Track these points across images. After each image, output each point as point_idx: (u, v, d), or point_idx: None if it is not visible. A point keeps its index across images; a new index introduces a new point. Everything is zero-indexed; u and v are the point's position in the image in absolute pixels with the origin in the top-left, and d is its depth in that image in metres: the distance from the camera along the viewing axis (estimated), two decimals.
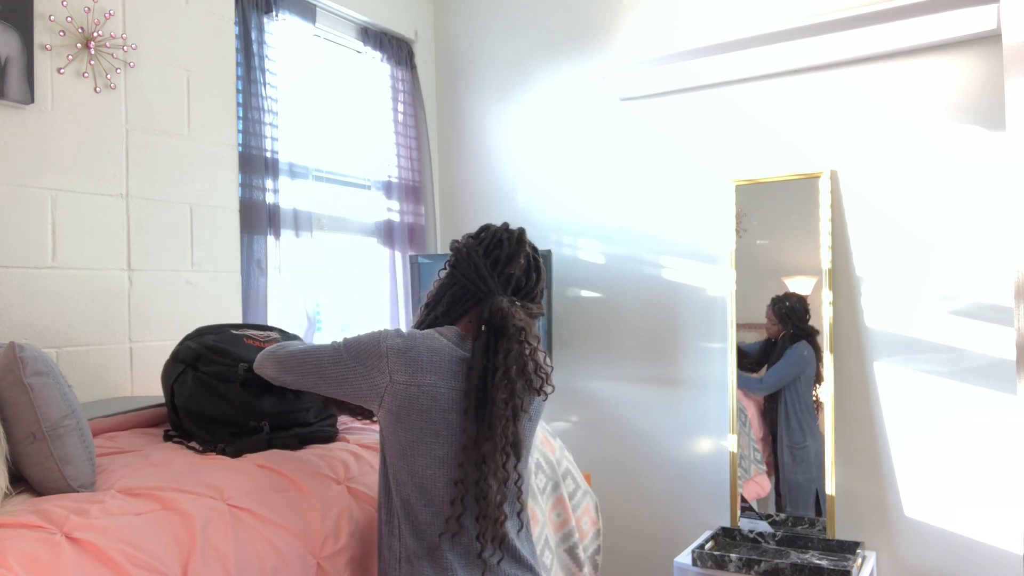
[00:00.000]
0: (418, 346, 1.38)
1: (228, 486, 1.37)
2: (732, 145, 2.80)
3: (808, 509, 2.60)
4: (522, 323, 1.40)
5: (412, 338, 1.40)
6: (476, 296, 1.44)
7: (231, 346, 1.67)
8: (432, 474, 1.36)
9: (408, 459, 1.37)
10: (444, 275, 1.50)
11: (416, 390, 1.36)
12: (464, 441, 1.36)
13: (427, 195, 3.33)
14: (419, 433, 1.36)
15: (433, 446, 1.36)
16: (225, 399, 1.59)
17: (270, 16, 2.68)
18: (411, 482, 1.36)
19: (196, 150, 2.38)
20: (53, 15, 2.01)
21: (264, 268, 2.59)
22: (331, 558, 1.40)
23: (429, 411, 1.36)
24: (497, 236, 1.48)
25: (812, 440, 2.59)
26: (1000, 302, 2.34)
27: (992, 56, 2.34)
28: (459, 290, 1.46)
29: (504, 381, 1.36)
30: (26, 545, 1.08)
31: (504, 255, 1.45)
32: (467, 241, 1.49)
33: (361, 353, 1.39)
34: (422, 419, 1.36)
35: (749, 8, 2.74)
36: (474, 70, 3.42)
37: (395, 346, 1.38)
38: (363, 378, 1.38)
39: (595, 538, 2.15)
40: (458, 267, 1.47)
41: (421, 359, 1.37)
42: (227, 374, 1.60)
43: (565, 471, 2.08)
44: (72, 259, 2.05)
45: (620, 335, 3.04)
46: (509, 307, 1.40)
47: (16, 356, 1.31)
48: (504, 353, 1.37)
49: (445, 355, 1.40)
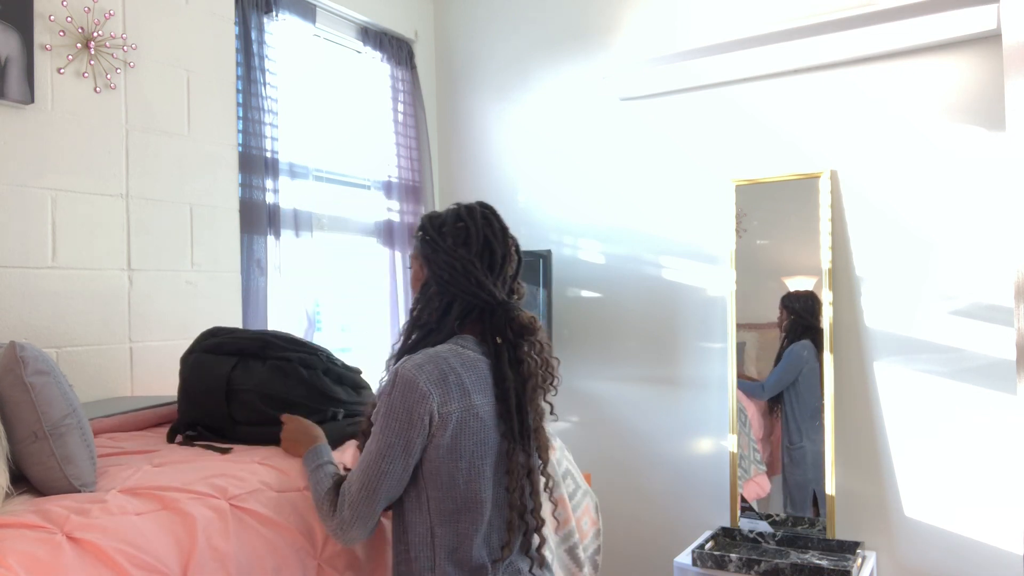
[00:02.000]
0: (455, 368, 1.31)
1: (229, 486, 1.37)
2: (732, 145, 2.80)
3: (806, 510, 2.60)
4: (541, 330, 1.38)
5: (441, 360, 1.31)
6: (481, 307, 1.38)
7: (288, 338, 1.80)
8: (485, 497, 1.32)
9: (460, 488, 1.30)
10: (436, 289, 1.39)
11: (467, 414, 1.30)
12: (510, 465, 1.32)
13: (427, 195, 3.33)
14: (471, 458, 1.30)
15: (484, 467, 1.32)
16: (306, 384, 1.69)
17: (270, 16, 2.68)
18: (461, 510, 1.31)
19: (196, 150, 2.37)
20: (53, 15, 2.01)
21: (264, 268, 2.59)
22: (332, 558, 1.40)
23: (479, 432, 1.31)
24: (483, 236, 1.39)
25: (809, 442, 2.59)
26: (1000, 302, 2.34)
27: (992, 56, 2.34)
28: (464, 305, 1.38)
29: (536, 393, 1.36)
30: (26, 545, 1.08)
31: (499, 258, 1.40)
32: (454, 250, 1.37)
33: (403, 416, 1.27)
34: (473, 442, 1.30)
35: (749, 8, 2.74)
36: (474, 70, 3.42)
37: (432, 378, 1.28)
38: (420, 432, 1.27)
39: (595, 538, 2.15)
40: (455, 283, 1.37)
41: (463, 381, 1.30)
42: (310, 361, 1.72)
43: (565, 471, 2.08)
44: (72, 259, 2.05)
45: (620, 335, 3.04)
46: (528, 318, 1.37)
47: (17, 355, 1.31)
48: (529, 362, 1.36)
49: (481, 370, 1.34)
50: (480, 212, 1.42)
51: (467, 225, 1.39)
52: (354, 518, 1.30)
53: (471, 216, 1.41)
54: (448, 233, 1.39)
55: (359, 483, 1.30)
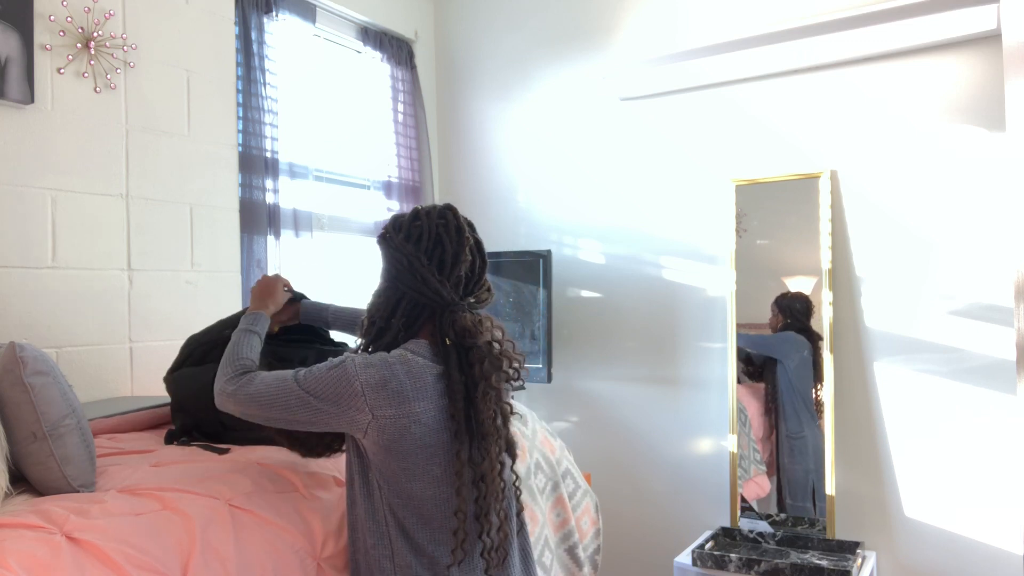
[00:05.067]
0: (397, 375, 1.29)
1: (229, 486, 1.37)
2: (732, 145, 2.80)
3: (806, 500, 2.60)
4: (488, 331, 1.35)
5: (386, 366, 1.29)
6: (431, 307, 1.35)
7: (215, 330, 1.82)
8: (432, 495, 1.31)
9: (403, 485, 1.31)
10: (386, 286, 1.38)
11: (406, 420, 1.28)
12: (457, 466, 1.30)
13: (427, 195, 3.33)
14: (415, 459, 1.30)
15: (431, 467, 1.31)
16: None
17: (270, 16, 2.68)
18: (407, 506, 1.31)
19: (196, 150, 2.38)
20: (53, 15, 2.01)
21: (264, 268, 2.59)
22: (332, 559, 1.40)
23: (423, 437, 1.30)
24: (435, 233, 1.36)
25: (810, 431, 2.59)
26: (1000, 302, 2.34)
27: (992, 56, 2.34)
28: (411, 304, 1.36)
29: (488, 393, 1.32)
30: (26, 545, 1.08)
31: (449, 256, 1.35)
32: (403, 245, 1.36)
33: (329, 394, 1.28)
34: (416, 445, 1.30)
35: (749, 8, 2.74)
36: (474, 70, 3.42)
37: (370, 381, 1.28)
38: (338, 417, 1.29)
39: (595, 538, 2.15)
40: (402, 279, 1.35)
41: (405, 389, 1.29)
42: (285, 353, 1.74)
43: (565, 471, 2.08)
44: (72, 259, 2.05)
45: (620, 335, 3.04)
46: (471, 320, 1.33)
47: (16, 356, 1.31)
48: (479, 363, 1.32)
49: (427, 377, 1.32)
50: (438, 211, 1.40)
51: (421, 223, 1.38)
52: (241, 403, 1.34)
53: (428, 215, 1.39)
54: (402, 229, 1.38)
55: (267, 391, 1.32)
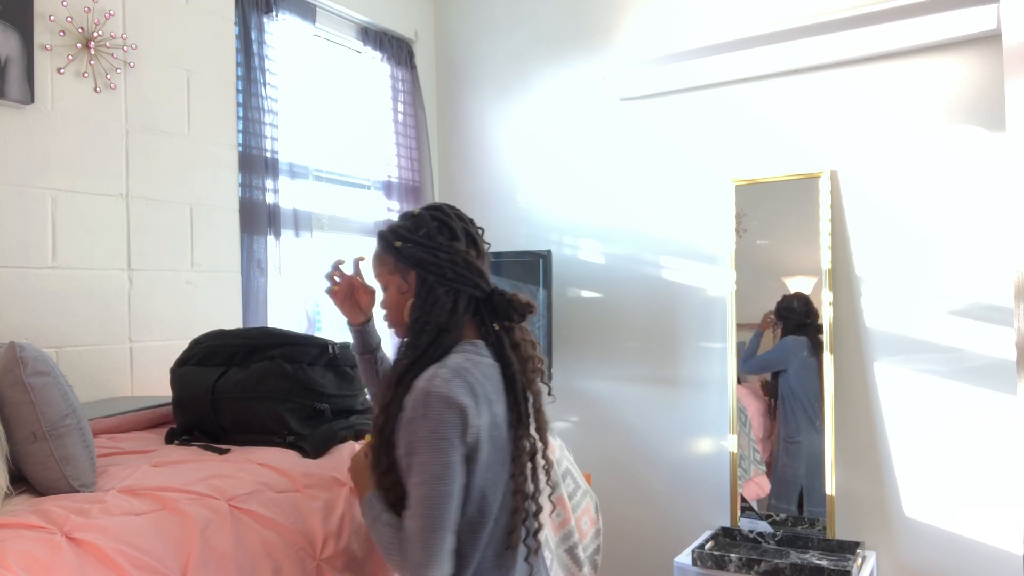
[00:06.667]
0: (479, 379, 1.27)
1: (229, 487, 1.37)
2: (732, 145, 2.80)
3: (791, 503, 2.60)
4: (535, 306, 1.38)
5: (467, 372, 1.26)
6: (478, 298, 1.35)
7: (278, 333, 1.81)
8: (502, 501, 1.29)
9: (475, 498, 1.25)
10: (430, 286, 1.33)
11: (491, 424, 1.27)
12: (516, 451, 1.30)
13: (427, 195, 3.33)
14: (492, 464, 1.27)
15: (503, 472, 1.30)
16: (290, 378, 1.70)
17: (270, 16, 2.68)
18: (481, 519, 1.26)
19: (196, 150, 2.37)
20: (53, 15, 2.01)
21: (264, 268, 2.59)
22: (331, 559, 1.40)
23: (498, 439, 1.29)
24: (465, 231, 1.38)
25: (807, 437, 2.60)
26: (1000, 302, 2.34)
27: (992, 56, 2.34)
28: (467, 298, 1.34)
29: (535, 374, 1.36)
30: (26, 545, 1.08)
31: (482, 248, 1.40)
32: (453, 246, 1.34)
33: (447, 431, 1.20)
34: (494, 448, 1.27)
35: (749, 8, 2.74)
36: (474, 70, 3.42)
37: (463, 390, 1.23)
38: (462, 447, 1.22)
39: (595, 538, 2.15)
40: (460, 279, 1.33)
41: (488, 392, 1.27)
42: (293, 354, 1.73)
43: (565, 471, 2.08)
44: (72, 259, 2.05)
45: (620, 335, 3.04)
46: (523, 296, 1.36)
47: (16, 356, 1.31)
48: (524, 344, 1.36)
49: (495, 376, 1.31)
50: (447, 209, 1.40)
51: (446, 222, 1.37)
52: (428, 555, 1.19)
53: (443, 214, 1.38)
54: (435, 233, 1.35)
55: (421, 518, 1.20)
